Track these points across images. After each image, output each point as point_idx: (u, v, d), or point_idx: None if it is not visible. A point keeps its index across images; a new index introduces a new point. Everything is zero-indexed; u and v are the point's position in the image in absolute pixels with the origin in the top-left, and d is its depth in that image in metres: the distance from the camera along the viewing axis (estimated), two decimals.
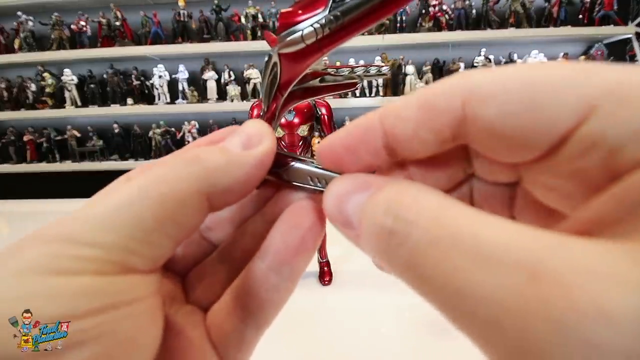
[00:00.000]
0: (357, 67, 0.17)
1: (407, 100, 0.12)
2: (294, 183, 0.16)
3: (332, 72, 0.17)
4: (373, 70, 0.17)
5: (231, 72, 2.16)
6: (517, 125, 0.10)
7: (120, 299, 0.11)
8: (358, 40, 2.02)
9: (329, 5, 0.13)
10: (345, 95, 2.01)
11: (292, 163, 0.16)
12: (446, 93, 0.11)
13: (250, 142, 0.14)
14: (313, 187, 0.16)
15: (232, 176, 0.13)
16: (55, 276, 0.10)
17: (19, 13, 2.10)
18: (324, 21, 0.13)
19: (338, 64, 2.09)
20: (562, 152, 0.10)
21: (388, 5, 0.12)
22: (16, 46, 2.14)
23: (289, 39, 0.13)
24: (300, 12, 0.13)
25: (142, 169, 0.15)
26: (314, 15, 0.13)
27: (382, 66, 0.18)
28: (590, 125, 0.09)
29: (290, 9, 0.13)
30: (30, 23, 2.13)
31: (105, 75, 2.19)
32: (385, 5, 0.12)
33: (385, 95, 2.12)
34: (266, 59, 0.15)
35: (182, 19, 2.09)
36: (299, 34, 0.13)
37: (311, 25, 0.13)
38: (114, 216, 0.12)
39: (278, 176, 0.16)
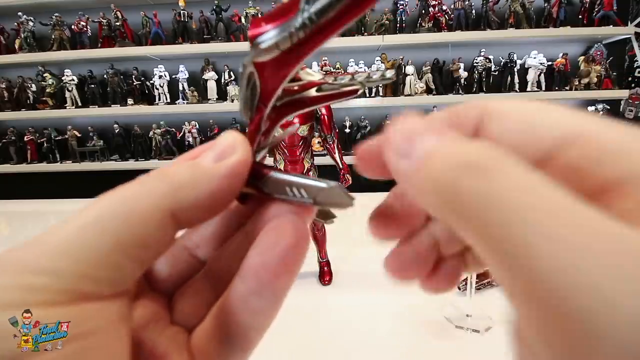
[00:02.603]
0: (358, 73, 0.16)
1: (438, 112, 0.14)
2: (276, 196, 0.15)
3: (330, 81, 0.17)
4: (376, 76, 0.16)
5: (231, 72, 2.16)
6: (513, 140, 0.12)
7: (75, 332, 0.10)
8: (358, 41, 2.02)
9: (302, 8, 0.12)
10: None
11: (271, 173, 0.15)
12: (469, 108, 0.13)
13: (222, 154, 0.14)
14: (295, 200, 0.14)
15: (201, 191, 0.13)
16: (2, 310, 0.10)
17: (20, 13, 2.11)
18: (297, 25, 0.12)
19: (338, 64, 2.09)
20: (547, 170, 0.11)
21: (361, 3, 0.12)
22: (17, 46, 2.14)
23: (262, 46, 0.13)
24: (272, 18, 0.13)
25: (143, 176, 0.15)
26: (286, 21, 0.12)
27: (386, 70, 0.17)
28: (566, 153, 0.12)
29: (261, 16, 0.13)
30: (31, 23, 2.13)
31: (105, 76, 2.19)
32: (357, 2, 0.12)
33: (385, 95, 2.12)
34: (240, 69, 0.14)
35: (182, 19, 2.10)
36: (272, 40, 0.13)
37: (285, 31, 0.12)
38: (68, 240, 0.11)
39: (258, 189, 0.15)
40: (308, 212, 0.15)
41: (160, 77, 2.15)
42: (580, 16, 2.03)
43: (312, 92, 0.16)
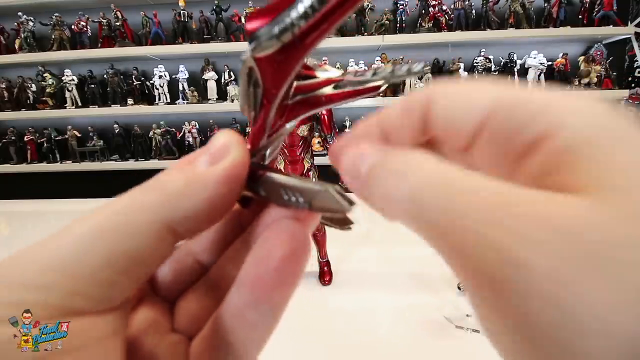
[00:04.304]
0: (381, 68, 0.15)
1: (394, 104, 0.15)
2: (272, 200, 0.14)
3: (350, 78, 0.15)
4: (402, 71, 0.15)
5: (231, 72, 2.16)
6: (453, 115, 0.13)
7: (66, 346, 0.10)
8: (358, 41, 2.02)
9: None
10: None
11: (266, 175, 0.14)
12: (418, 95, 0.14)
13: (215, 157, 0.13)
14: (292, 205, 0.13)
15: (196, 198, 0.12)
16: None
17: (20, 13, 2.10)
18: (298, 14, 0.11)
19: (338, 65, 2.09)
20: (483, 137, 0.13)
21: None
22: (17, 46, 2.14)
23: (261, 39, 0.12)
24: (271, 10, 0.12)
25: (137, 186, 0.14)
26: (286, 10, 0.11)
27: (414, 63, 0.15)
28: (495, 118, 0.12)
29: (259, 9, 0.12)
30: (31, 23, 2.13)
31: (105, 76, 2.19)
32: None
33: (385, 95, 2.12)
34: (240, 65, 0.13)
35: (182, 19, 2.09)
36: (272, 32, 0.11)
37: (284, 21, 0.11)
38: (59, 255, 0.11)
39: (256, 193, 0.14)
40: (310, 217, 0.14)
41: (160, 77, 2.15)
42: (580, 16, 2.03)
43: (329, 89, 0.15)
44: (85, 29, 2.13)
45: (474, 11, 2.05)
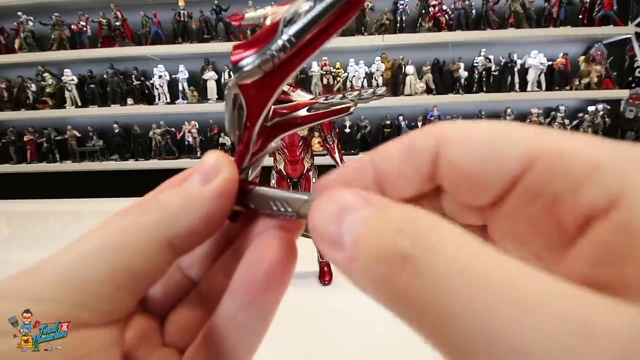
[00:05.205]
0: (349, 91, 0.17)
1: (394, 141, 0.13)
2: (262, 212, 0.15)
3: (322, 101, 0.17)
4: (367, 93, 0.17)
5: (231, 72, 2.15)
6: (475, 166, 0.11)
7: (69, 357, 0.11)
8: (358, 41, 2.02)
9: (281, 31, 0.13)
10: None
11: (255, 189, 0.15)
12: (425, 135, 0.12)
13: (207, 177, 0.14)
14: (281, 214, 0.14)
15: (193, 217, 0.13)
16: (1, 338, 0.11)
17: (19, 13, 2.10)
18: (277, 47, 0.13)
19: (338, 64, 2.09)
20: (513, 198, 0.11)
21: (340, 19, 0.12)
22: (16, 46, 2.14)
23: (245, 69, 0.13)
24: (253, 43, 0.13)
25: (137, 205, 0.15)
26: (267, 44, 0.13)
27: (377, 87, 0.17)
28: (532, 175, 0.10)
29: (243, 42, 0.14)
30: (31, 23, 2.13)
31: (105, 75, 2.19)
32: (336, 19, 0.12)
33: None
34: (225, 91, 0.15)
35: (182, 19, 2.09)
36: (254, 63, 0.13)
37: (265, 53, 0.13)
38: (68, 270, 0.12)
39: (246, 206, 0.15)
40: (296, 227, 0.15)
41: (160, 77, 2.15)
42: (580, 16, 2.03)
43: (303, 112, 0.17)
44: (85, 28, 2.13)
45: (474, 11, 2.05)
